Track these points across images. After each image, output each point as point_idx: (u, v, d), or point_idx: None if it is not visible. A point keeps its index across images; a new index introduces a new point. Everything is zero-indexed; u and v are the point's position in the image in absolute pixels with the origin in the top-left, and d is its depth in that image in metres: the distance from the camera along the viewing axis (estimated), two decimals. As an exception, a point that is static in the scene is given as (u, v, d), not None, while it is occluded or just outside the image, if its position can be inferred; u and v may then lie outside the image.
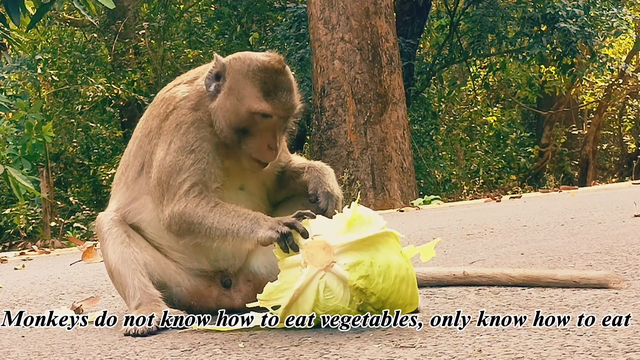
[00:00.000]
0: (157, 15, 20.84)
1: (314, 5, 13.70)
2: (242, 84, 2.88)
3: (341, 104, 13.40)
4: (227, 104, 2.89)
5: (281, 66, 2.89)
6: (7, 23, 12.18)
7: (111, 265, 2.96)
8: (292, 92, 2.90)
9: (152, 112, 3.08)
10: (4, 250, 14.00)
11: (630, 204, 6.43)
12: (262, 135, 2.88)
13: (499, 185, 21.92)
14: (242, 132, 2.88)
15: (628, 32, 18.84)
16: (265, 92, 2.86)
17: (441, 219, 7.51)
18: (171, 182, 2.90)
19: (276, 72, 2.87)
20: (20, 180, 10.96)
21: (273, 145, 2.89)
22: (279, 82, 2.87)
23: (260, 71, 2.87)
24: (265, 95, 2.85)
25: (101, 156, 20.08)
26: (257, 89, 2.86)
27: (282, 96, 2.87)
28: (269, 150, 2.89)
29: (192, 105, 2.97)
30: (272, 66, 2.87)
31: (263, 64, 2.88)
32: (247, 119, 2.86)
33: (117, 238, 2.99)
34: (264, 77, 2.87)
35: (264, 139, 2.88)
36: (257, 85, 2.86)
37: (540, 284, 3.05)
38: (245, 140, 2.89)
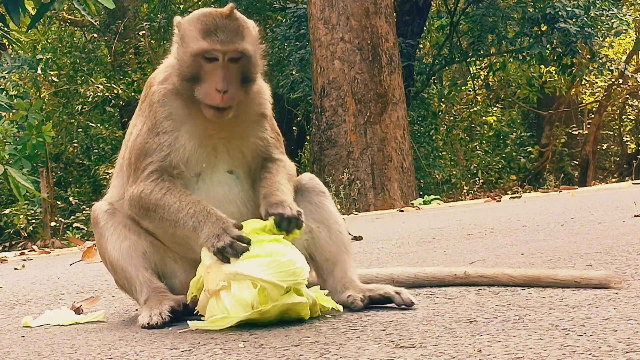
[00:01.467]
0: (157, 15, 20.84)
1: (314, 5, 13.70)
2: (188, 32, 2.92)
3: (341, 104, 13.41)
4: (179, 55, 2.94)
5: (227, 11, 2.89)
6: (7, 23, 12.19)
7: (113, 261, 3.00)
8: (237, 34, 2.88)
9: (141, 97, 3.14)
10: (4, 250, 14.00)
11: (630, 204, 6.43)
12: (210, 78, 2.86)
13: (499, 185, 21.91)
14: (193, 80, 2.88)
15: (628, 32, 18.85)
16: (205, 32, 2.87)
17: (441, 219, 7.51)
18: (137, 164, 2.95)
19: (220, 15, 2.89)
20: (20, 181, 10.96)
21: (220, 86, 2.85)
22: (221, 24, 2.87)
23: (203, 15, 2.91)
24: (204, 36, 2.87)
25: (101, 156, 20.08)
26: (197, 30, 2.89)
27: (222, 35, 2.86)
28: (217, 93, 2.85)
29: (162, 79, 3.01)
30: (215, 11, 2.91)
31: (208, 10, 2.93)
32: (191, 63, 2.88)
33: (114, 233, 3.01)
34: (205, 20, 2.89)
35: (211, 82, 2.86)
36: (198, 28, 2.89)
37: (541, 284, 3.04)
38: (197, 87, 2.88)
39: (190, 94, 2.90)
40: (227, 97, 2.85)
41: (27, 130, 12.22)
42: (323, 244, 3.03)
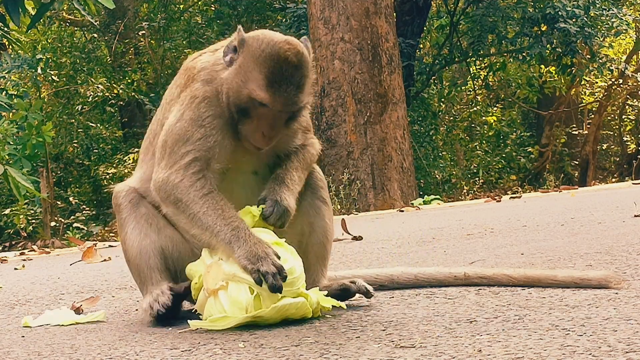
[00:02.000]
0: (157, 15, 20.85)
1: (314, 5, 13.70)
2: (251, 66, 2.80)
3: (341, 104, 13.41)
4: (234, 81, 2.83)
5: (295, 59, 2.78)
6: (7, 23, 12.19)
7: (130, 257, 3.00)
8: (299, 87, 2.79)
9: (176, 80, 3.06)
10: (4, 250, 14.00)
11: (630, 204, 6.43)
12: (260, 121, 2.81)
13: (499, 185, 21.92)
14: (242, 112, 2.82)
15: (628, 32, 18.85)
16: (270, 82, 2.76)
17: (441, 219, 7.52)
18: (175, 149, 2.86)
19: (287, 64, 2.77)
20: (20, 181, 10.96)
21: (267, 133, 2.81)
22: (287, 74, 2.77)
23: (270, 59, 2.78)
24: (268, 86, 2.76)
25: (101, 156, 20.08)
26: (263, 76, 2.77)
27: (286, 90, 2.77)
28: (263, 138, 2.82)
29: (207, 78, 2.91)
30: (285, 57, 2.77)
31: (277, 52, 2.78)
32: (246, 102, 2.80)
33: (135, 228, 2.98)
34: (272, 65, 2.77)
35: (260, 125, 2.81)
36: (263, 72, 2.77)
37: (541, 284, 3.04)
38: (244, 121, 2.83)
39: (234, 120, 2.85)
40: (269, 142, 2.84)
41: (27, 130, 12.22)
42: (305, 250, 3.05)
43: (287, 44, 2.80)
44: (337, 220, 8.42)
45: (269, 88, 2.76)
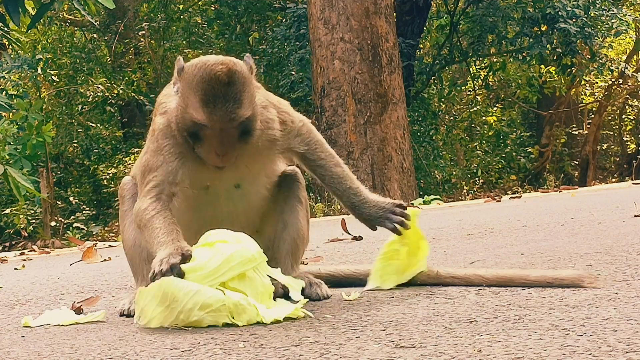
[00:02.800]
0: (157, 15, 20.85)
1: (314, 5, 13.70)
2: (188, 91, 2.93)
3: (341, 104, 13.41)
4: (178, 108, 2.98)
5: (226, 77, 2.89)
6: (7, 23, 12.19)
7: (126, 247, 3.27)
8: (235, 102, 2.89)
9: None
10: (4, 250, 14.00)
11: (630, 204, 6.42)
12: (210, 142, 2.92)
13: (499, 186, 21.91)
14: (192, 136, 2.95)
15: (628, 33, 18.85)
16: (204, 102, 2.88)
17: (441, 219, 7.52)
18: (143, 179, 3.08)
19: (218, 82, 2.88)
20: (20, 181, 10.97)
21: (220, 152, 2.92)
22: (219, 93, 2.87)
23: (202, 81, 2.90)
24: (203, 106, 2.88)
25: (101, 156, 20.08)
26: (198, 98, 2.89)
27: (221, 108, 2.87)
28: (217, 157, 2.94)
29: (163, 110, 3.09)
30: (215, 77, 2.88)
31: (208, 73, 2.90)
32: (190, 126, 2.92)
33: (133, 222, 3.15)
34: (204, 86, 2.89)
35: (211, 146, 2.93)
36: (197, 94, 2.89)
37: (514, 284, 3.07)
38: (197, 144, 2.96)
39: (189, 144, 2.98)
40: (225, 159, 2.95)
41: (27, 130, 12.22)
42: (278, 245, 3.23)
43: (218, 65, 2.92)
44: (337, 220, 8.43)
45: (205, 108, 2.88)
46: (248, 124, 2.96)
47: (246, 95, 2.93)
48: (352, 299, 3.06)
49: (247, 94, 2.94)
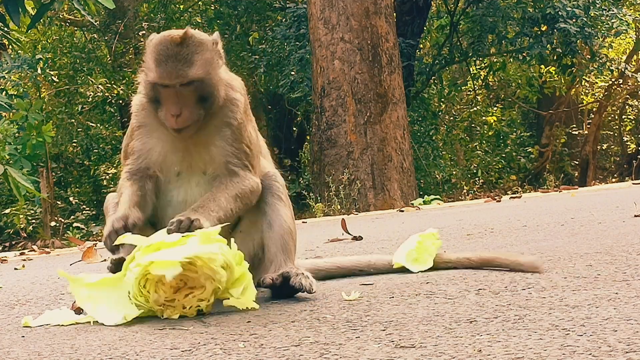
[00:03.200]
0: (157, 15, 20.84)
1: (314, 5, 13.70)
2: (148, 58, 3.13)
3: (341, 104, 13.41)
4: (142, 77, 3.20)
5: (179, 38, 3.06)
6: (7, 23, 12.19)
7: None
8: (186, 61, 3.05)
9: None
10: (4, 250, 14.00)
11: (630, 204, 6.43)
12: (166, 103, 3.08)
13: (499, 185, 21.92)
14: (154, 102, 3.12)
15: (628, 33, 18.86)
16: (157, 62, 3.06)
17: (441, 219, 7.52)
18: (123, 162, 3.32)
19: (171, 43, 3.06)
20: (20, 181, 10.97)
21: (174, 112, 3.05)
22: (171, 52, 3.05)
23: (157, 43, 3.10)
24: (156, 65, 3.06)
25: (101, 156, 20.09)
26: (152, 59, 3.09)
27: (171, 65, 3.04)
28: (172, 117, 3.06)
29: (139, 89, 3.28)
30: (168, 38, 3.08)
31: (162, 36, 3.11)
32: (150, 89, 3.11)
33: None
34: (158, 48, 3.08)
35: (167, 106, 3.07)
36: (152, 56, 3.09)
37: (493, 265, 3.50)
38: (159, 109, 3.11)
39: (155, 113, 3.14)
40: (180, 120, 3.06)
41: (27, 130, 12.22)
42: (268, 244, 3.28)
43: (174, 30, 3.14)
44: (337, 220, 8.43)
45: (157, 67, 3.06)
46: (201, 87, 3.09)
47: (199, 58, 3.08)
48: (352, 299, 3.06)
49: (201, 57, 3.09)
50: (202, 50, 3.10)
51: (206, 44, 3.13)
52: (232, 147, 3.20)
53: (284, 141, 20.94)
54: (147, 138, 3.21)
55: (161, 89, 3.07)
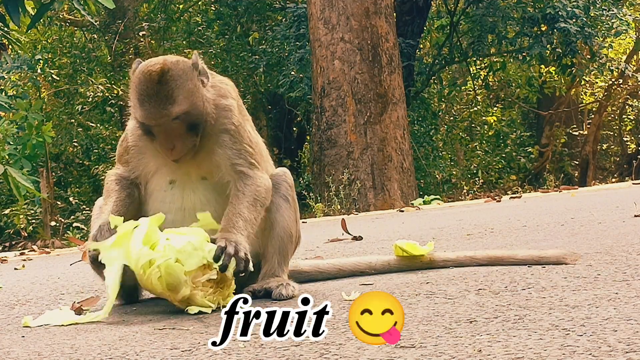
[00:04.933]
0: (157, 15, 20.83)
1: (314, 5, 13.70)
2: (132, 92, 3.15)
3: (341, 104, 13.41)
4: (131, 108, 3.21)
5: (157, 76, 3.07)
6: (7, 23, 12.19)
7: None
8: (167, 99, 3.06)
9: None
10: (4, 250, 14.00)
11: (630, 204, 6.42)
12: (159, 137, 3.12)
13: (499, 185, 21.91)
14: (146, 133, 3.15)
15: (628, 33, 18.85)
16: (140, 102, 3.09)
17: (441, 219, 7.52)
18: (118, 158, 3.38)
19: (150, 82, 3.07)
20: (21, 180, 10.96)
21: (167, 146, 3.11)
22: (151, 91, 3.06)
23: (138, 82, 3.10)
24: (140, 105, 3.09)
25: (101, 156, 20.08)
26: (135, 97, 3.11)
27: (153, 105, 3.06)
28: (168, 151, 3.11)
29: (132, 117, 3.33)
30: (147, 76, 3.08)
31: (142, 74, 3.10)
32: (139, 124, 3.16)
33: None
34: (139, 87, 3.09)
35: (161, 141, 3.12)
36: (135, 95, 3.11)
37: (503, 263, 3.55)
38: (153, 140, 3.16)
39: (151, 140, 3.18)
40: (176, 152, 3.12)
41: (27, 130, 12.22)
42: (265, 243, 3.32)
43: (152, 65, 3.12)
44: (337, 220, 8.42)
45: (141, 107, 3.09)
46: (189, 118, 3.10)
47: (180, 92, 3.08)
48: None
49: (182, 90, 3.09)
50: (182, 83, 3.10)
51: (186, 74, 3.13)
52: (233, 150, 3.22)
53: (284, 141, 20.93)
54: (141, 155, 3.26)
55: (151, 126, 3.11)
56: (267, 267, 3.31)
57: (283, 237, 3.31)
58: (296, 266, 3.63)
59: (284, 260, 3.34)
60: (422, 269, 3.70)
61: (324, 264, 3.79)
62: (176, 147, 3.10)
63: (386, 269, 3.74)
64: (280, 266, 3.31)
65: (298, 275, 3.55)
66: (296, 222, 3.39)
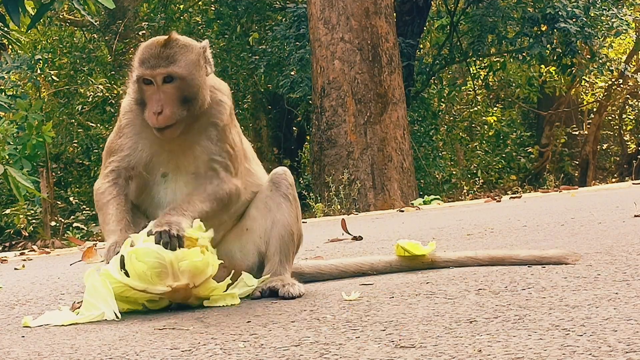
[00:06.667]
0: (157, 15, 20.83)
1: (314, 5, 13.70)
2: (134, 59, 3.22)
3: (341, 104, 13.41)
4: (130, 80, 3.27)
5: (163, 40, 3.17)
6: (7, 23, 12.19)
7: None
8: (168, 59, 3.13)
9: None
10: (4, 250, 14.00)
11: (630, 204, 6.43)
12: (149, 101, 3.14)
13: (499, 185, 21.92)
14: (140, 103, 3.17)
15: (628, 33, 18.85)
16: (141, 60, 3.15)
17: (441, 219, 7.52)
18: (105, 162, 3.33)
19: (156, 44, 3.17)
20: (21, 181, 10.96)
21: (155, 109, 3.11)
22: (155, 51, 3.14)
23: (145, 45, 3.20)
24: (140, 63, 3.15)
25: (101, 156, 20.08)
26: (137, 60, 3.17)
27: (153, 62, 3.12)
28: (154, 115, 3.11)
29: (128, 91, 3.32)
30: (154, 40, 3.20)
31: (151, 40, 3.21)
32: (136, 88, 3.18)
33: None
34: (144, 48, 3.18)
35: (150, 104, 3.14)
36: (138, 56, 3.18)
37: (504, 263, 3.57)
38: (144, 110, 3.17)
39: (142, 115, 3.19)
40: (162, 118, 3.11)
41: (27, 130, 12.21)
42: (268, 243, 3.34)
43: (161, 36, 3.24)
44: (337, 220, 8.42)
45: (142, 64, 3.15)
46: (183, 86, 3.14)
47: (182, 57, 3.15)
48: (352, 299, 3.06)
49: (185, 57, 3.16)
50: (186, 52, 3.18)
51: (192, 47, 3.21)
52: (216, 146, 3.24)
53: (284, 141, 20.93)
54: (135, 136, 3.25)
55: (145, 86, 3.14)
56: (270, 266, 3.32)
57: (284, 235, 3.32)
58: (297, 267, 3.63)
59: (287, 259, 3.34)
60: (424, 269, 3.70)
61: (325, 264, 3.78)
62: (164, 112, 3.10)
63: (387, 269, 3.74)
64: (283, 265, 3.32)
65: (299, 277, 3.55)
66: (297, 221, 3.39)
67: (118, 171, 3.25)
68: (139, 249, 3.00)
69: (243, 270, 3.34)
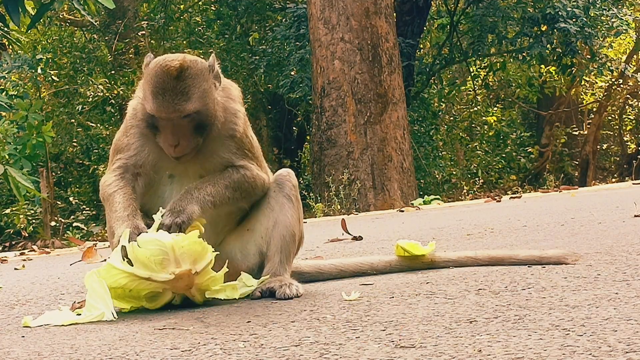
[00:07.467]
0: (157, 15, 20.83)
1: (314, 5, 13.70)
2: (145, 84, 3.15)
3: (341, 104, 13.41)
4: (139, 100, 3.23)
5: (175, 71, 3.09)
6: (7, 23, 12.19)
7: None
8: (182, 95, 3.08)
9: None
10: (4, 250, 14.00)
11: (630, 204, 6.43)
12: (165, 132, 3.12)
13: (499, 185, 21.92)
14: (150, 127, 3.15)
15: (628, 33, 18.86)
16: (154, 94, 3.08)
17: (441, 219, 7.52)
18: (112, 158, 3.33)
19: (168, 76, 3.08)
20: (21, 180, 10.97)
21: (171, 142, 3.11)
22: (168, 85, 3.07)
23: (155, 74, 3.11)
24: (153, 98, 3.09)
25: (101, 156, 20.08)
26: (149, 90, 3.10)
27: (167, 99, 3.06)
28: (171, 147, 3.11)
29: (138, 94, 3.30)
30: (165, 70, 3.09)
31: (160, 67, 3.11)
32: (148, 117, 3.14)
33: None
34: (156, 79, 3.10)
35: (166, 136, 3.12)
36: (150, 87, 3.10)
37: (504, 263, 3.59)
38: (156, 134, 3.15)
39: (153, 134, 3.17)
40: (179, 149, 3.12)
41: (27, 130, 12.22)
42: (269, 243, 3.35)
43: (171, 60, 3.12)
44: (337, 220, 8.42)
45: (154, 100, 3.09)
46: (199, 117, 3.12)
47: (196, 90, 3.10)
48: (352, 299, 3.06)
49: (198, 89, 3.11)
50: (199, 82, 3.13)
51: (203, 73, 3.16)
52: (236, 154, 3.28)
53: (284, 141, 20.94)
54: (142, 138, 3.24)
55: (159, 119, 3.11)
56: (270, 266, 3.33)
57: (286, 236, 3.33)
58: (297, 267, 3.64)
59: (287, 260, 3.35)
60: (424, 269, 3.70)
61: (325, 264, 3.79)
62: (180, 144, 3.11)
63: (387, 269, 3.75)
64: (283, 265, 3.33)
65: (299, 276, 3.55)
66: (299, 222, 3.40)
67: (125, 167, 3.26)
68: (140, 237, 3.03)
69: (243, 271, 3.34)
